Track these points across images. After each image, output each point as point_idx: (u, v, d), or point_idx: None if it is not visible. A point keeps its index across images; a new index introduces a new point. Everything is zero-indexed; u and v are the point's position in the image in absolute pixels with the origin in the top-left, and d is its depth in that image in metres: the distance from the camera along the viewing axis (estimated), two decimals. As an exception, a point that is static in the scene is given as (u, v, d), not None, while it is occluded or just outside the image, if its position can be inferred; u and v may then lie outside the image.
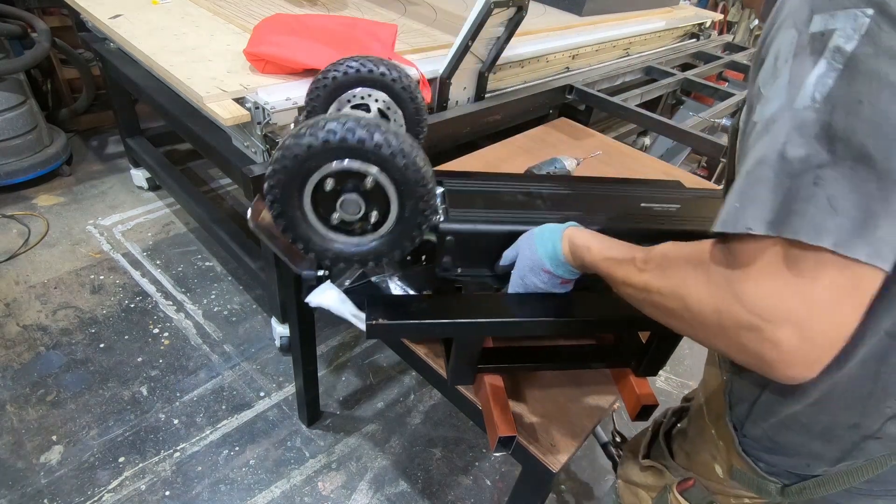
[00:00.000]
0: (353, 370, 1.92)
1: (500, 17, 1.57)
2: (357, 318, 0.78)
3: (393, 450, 1.69)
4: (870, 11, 0.40)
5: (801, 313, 0.40)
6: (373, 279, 0.88)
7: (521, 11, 1.59)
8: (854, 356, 0.52)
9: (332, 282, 0.82)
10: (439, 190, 0.69)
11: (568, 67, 2.20)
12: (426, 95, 1.57)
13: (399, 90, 0.95)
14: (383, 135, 0.64)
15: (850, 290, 0.40)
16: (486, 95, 1.83)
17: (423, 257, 0.86)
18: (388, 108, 0.96)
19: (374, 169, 0.66)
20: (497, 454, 1.68)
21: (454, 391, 0.99)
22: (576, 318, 0.81)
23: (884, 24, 0.39)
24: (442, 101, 1.68)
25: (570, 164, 1.37)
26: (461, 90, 1.75)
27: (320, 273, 0.82)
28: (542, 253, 0.75)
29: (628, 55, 2.54)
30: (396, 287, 0.88)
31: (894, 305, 0.49)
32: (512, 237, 0.82)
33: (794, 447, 0.62)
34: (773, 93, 0.44)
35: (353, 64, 0.93)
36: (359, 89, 0.94)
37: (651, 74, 2.47)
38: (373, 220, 0.71)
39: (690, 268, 0.49)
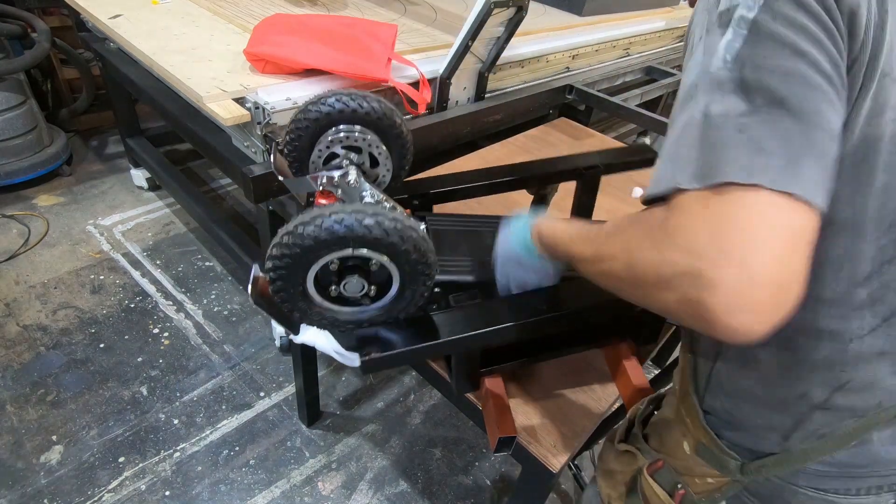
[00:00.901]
0: (353, 370, 1.92)
1: (500, 17, 1.57)
2: (339, 354, 0.80)
3: (393, 450, 1.69)
4: None
5: (738, 250, 0.39)
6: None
7: (521, 11, 1.59)
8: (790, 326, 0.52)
9: None
10: (422, 226, 0.71)
11: (568, 67, 2.20)
12: (426, 95, 1.57)
13: (386, 126, 0.92)
14: (399, 231, 0.65)
15: (789, 227, 0.40)
16: (486, 95, 1.83)
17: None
18: (379, 152, 0.93)
19: (385, 258, 0.67)
20: (497, 454, 1.68)
21: (452, 389, 0.99)
22: (566, 309, 0.82)
23: None
24: (442, 101, 1.68)
25: None
26: (461, 90, 1.75)
27: None
28: (515, 244, 0.78)
29: (628, 55, 2.54)
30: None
31: (822, 271, 0.52)
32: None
33: (749, 419, 0.64)
34: (691, 66, 0.48)
35: (339, 100, 0.88)
36: (343, 127, 0.91)
37: (651, 74, 2.47)
38: (372, 293, 0.72)
39: (633, 229, 0.50)
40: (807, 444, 0.61)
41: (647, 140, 2.74)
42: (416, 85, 1.57)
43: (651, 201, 0.47)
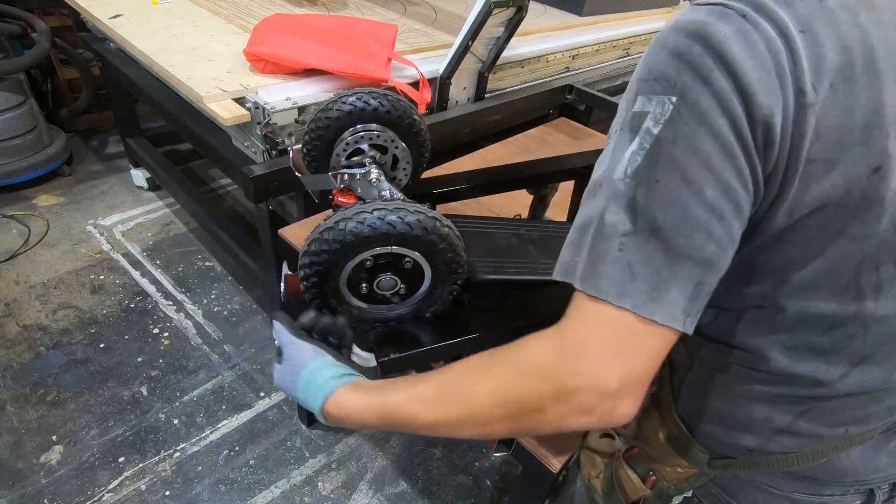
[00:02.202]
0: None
1: (500, 17, 1.57)
2: (355, 355, 0.80)
3: (393, 450, 1.69)
4: (674, 99, 0.44)
5: (620, 367, 0.46)
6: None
7: (521, 11, 1.59)
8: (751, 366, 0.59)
9: None
10: None
11: (568, 67, 2.20)
12: (426, 95, 1.57)
13: (406, 126, 0.93)
14: (437, 229, 0.65)
15: (648, 348, 0.47)
16: (486, 95, 1.83)
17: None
18: (400, 152, 0.94)
19: (419, 255, 0.68)
20: (497, 454, 1.68)
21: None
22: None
23: (683, 112, 0.43)
24: (442, 101, 1.68)
25: None
26: (461, 90, 1.75)
27: None
28: (301, 396, 0.65)
29: (628, 55, 2.54)
30: None
31: (748, 328, 0.56)
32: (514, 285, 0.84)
33: (716, 433, 0.66)
34: (602, 158, 0.49)
35: (360, 99, 0.89)
36: (370, 126, 0.91)
37: (651, 74, 2.47)
38: (403, 291, 0.73)
39: (502, 363, 0.54)
40: (772, 458, 0.62)
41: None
42: (416, 85, 1.57)
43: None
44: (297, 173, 0.93)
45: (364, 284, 0.71)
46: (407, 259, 0.68)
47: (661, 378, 0.73)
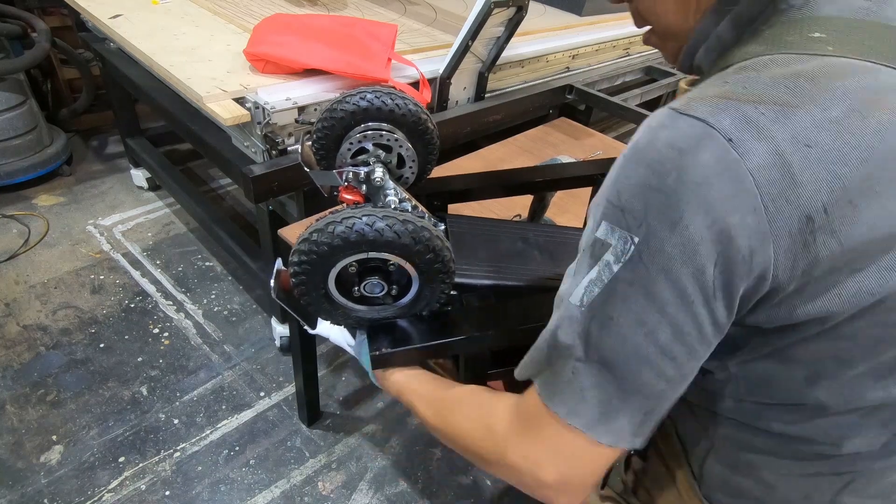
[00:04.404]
0: (353, 370, 1.92)
1: (500, 17, 1.57)
2: (352, 347, 0.82)
3: (393, 450, 1.69)
4: (637, 239, 0.41)
5: (559, 473, 0.50)
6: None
7: (521, 11, 1.59)
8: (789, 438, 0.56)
9: None
10: (441, 227, 0.72)
11: (568, 67, 2.20)
12: (426, 95, 1.57)
13: (415, 127, 0.93)
14: (412, 232, 0.66)
15: (599, 459, 0.49)
16: (486, 95, 1.83)
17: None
18: (406, 151, 0.94)
19: (400, 259, 0.69)
20: (497, 454, 1.68)
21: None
22: None
23: (645, 257, 0.41)
24: (442, 101, 1.68)
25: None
26: (461, 90, 1.75)
27: None
28: (361, 358, 0.79)
29: (628, 55, 2.54)
30: None
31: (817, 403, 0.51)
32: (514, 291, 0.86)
33: None
34: (569, 271, 0.49)
35: (378, 97, 0.89)
36: (375, 125, 0.91)
37: (651, 74, 2.47)
38: (394, 293, 0.74)
39: (481, 416, 0.59)
40: None
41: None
42: (416, 85, 1.57)
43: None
44: (305, 168, 0.94)
45: (355, 288, 0.72)
46: (391, 263, 0.69)
47: (675, 454, 0.69)
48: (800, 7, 0.46)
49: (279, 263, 0.80)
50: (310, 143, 0.95)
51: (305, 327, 0.82)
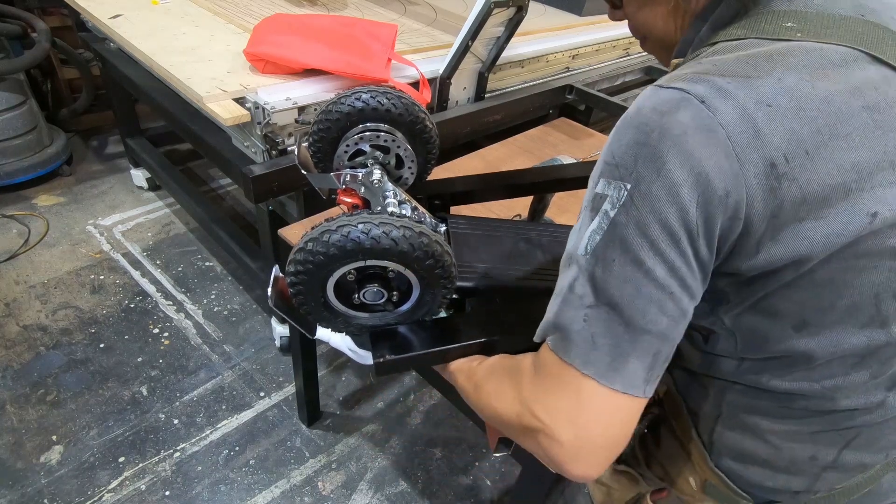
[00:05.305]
0: (353, 370, 1.92)
1: (500, 17, 1.57)
2: (353, 352, 0.81)
3: (393, 450, 1.69)
4: (629, 185, 0.47)
5: (576, 422, 0.50)
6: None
7: (521, 11, 1.59)
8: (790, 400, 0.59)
9: None
10: (442, 228, 0.71)
11: (568, 67, 2.20)
12: (426, 95, 1.57)
13: (414, 127, 0.92)
14: (409, 238, 0.65)
15: (614, 411, 0.50)
16: (486, 95, 1.83)
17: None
18: (405, 153, 0.93)
19: (399, 266, 0.67)
20: (497, 455, 1.68)
21: (455, 391, 0.98)
22: None
23: (636, 199, 0.47)
24: (442, 101, 1.68)
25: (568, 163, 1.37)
26: (461, 90, 1.75)
27: None
28: None
29: (628, 55, 2.54)
30: None
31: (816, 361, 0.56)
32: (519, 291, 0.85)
33: (759, 480, 0.65)
34: (572, 233, 0.54)
35: (374, 97, 0.88)
36: (372, 125, 0.90)
37: (651, 74, 2.47)
38: (395, 299, 0.73)
39: (506, 378, 0.60)
40: (819, 497, 0.63)
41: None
42: (416, 85, 1.57)
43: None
44: (302, 171, 0.93)
45: (355, 296, 0.71)
46: (390, 269, 0.68)
47: (685, 427, 0.72)
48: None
49: (276, 271, 0.79)
50: (306, 145, 0.94)
51: (313, 337, 0.81)
